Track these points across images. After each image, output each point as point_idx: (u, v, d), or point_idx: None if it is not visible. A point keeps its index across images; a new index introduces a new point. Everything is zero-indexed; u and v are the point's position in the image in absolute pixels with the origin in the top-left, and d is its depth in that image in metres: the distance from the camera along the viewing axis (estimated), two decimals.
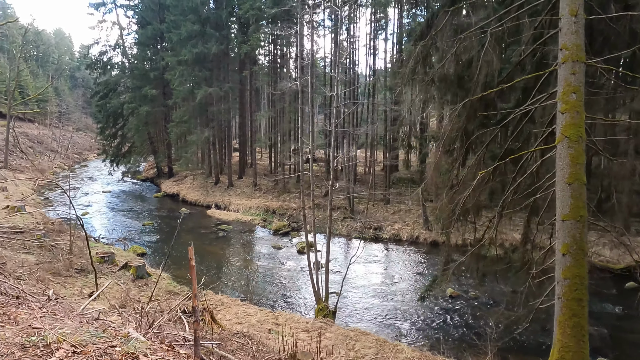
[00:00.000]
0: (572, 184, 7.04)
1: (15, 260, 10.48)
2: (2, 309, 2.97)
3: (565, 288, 7.02)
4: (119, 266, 12.81)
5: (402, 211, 23.70)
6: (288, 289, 14.71)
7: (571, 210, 7.01)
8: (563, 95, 7.27)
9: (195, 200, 29.86)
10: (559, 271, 7.15)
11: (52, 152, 55.14)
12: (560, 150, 7.21)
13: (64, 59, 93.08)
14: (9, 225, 16.85)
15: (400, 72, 9.27)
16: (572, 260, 6.96)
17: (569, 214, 7.01)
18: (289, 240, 21.34)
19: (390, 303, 13.62)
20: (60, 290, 8.98)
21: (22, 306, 3.24)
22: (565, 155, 7.14)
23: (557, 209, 7.21)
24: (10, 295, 3.74)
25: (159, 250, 19.13)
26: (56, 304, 4.54)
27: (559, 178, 7.24)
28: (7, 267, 8.17)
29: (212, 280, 15.28)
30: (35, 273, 9.44)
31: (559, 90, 7.39)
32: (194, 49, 27.03)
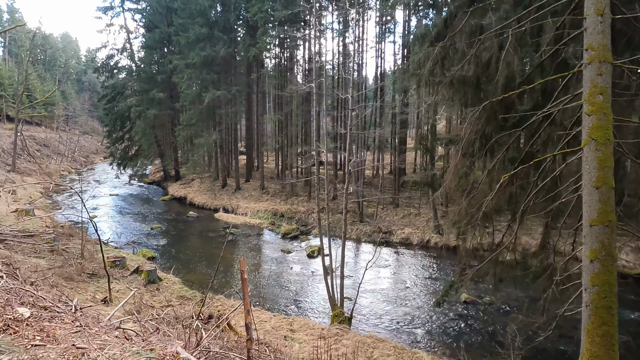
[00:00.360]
0: (599, 188, 6.83)
1: (28, 264, 10.37)
2: (37, 323, 2.82)
3: (593, 295, 6.80)
4: (130, 270, 12.69)
5: (412, 215, 23.49)
6: (300, 293, 14.54)
7: (599, 215, 6.80)
8: (589, 96, 7.07)
9: (203, 204, 29.78)
10: (586, 278, 6.94)
11: (59, 155, 55.32)
12: (586, 154, 7.00)
13: (71, 63, 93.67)
14: (19, 228, 16.78)
15: (418, 74, 9.12)
16: (600, 267, 6.74)
17: (597, 219, 6.80)
18: (298, 244, 21.17)
19: (404, 308, 13.42)
20: (74, 296, 8.86)
21: (55, 320, 3.09)
22: (593, 159, 6.93)
23: (584, 214, 7.01)
24: (38, 306, 3.60)
25: (168, 254, 19.03)
26: (82, 314, 4.40)
27: (585, 182, 7.04)
28: (21, 272, 8.04)
29: (223, 285, 15.16)
30: (49, 278, 9.32)
31: (584, 92, 7.20)
32: (202, 51, 27.01)
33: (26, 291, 4.60)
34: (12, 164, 37.88)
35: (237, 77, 30.10)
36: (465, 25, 8.83)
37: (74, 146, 60.65)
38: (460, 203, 9.62)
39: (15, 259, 9.94)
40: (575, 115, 8.27)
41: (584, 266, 7.19)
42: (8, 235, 14.80)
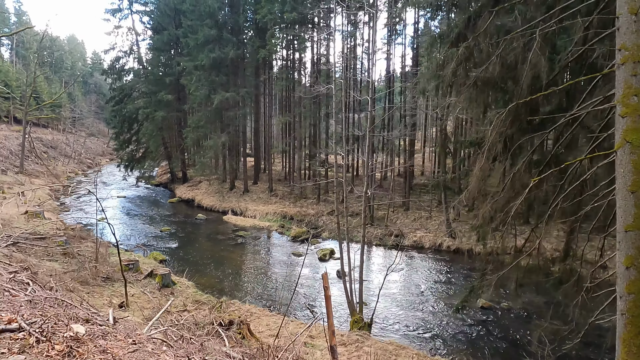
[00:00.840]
0: (635, 192, 6.60)
1: (44, 268, 10.25)
2: (93, 342, 2.66)
3: (630, 304, 6.57)
4: (144, 274, 12.55)
5: (423, 218, 23.26)
6: (314, 298, 14.35)
7: (635, 220, 6.56)
8: (623, 98, 6.84)
9: (211, 206, 29.66)
10: (621, 285, 6.71)
11: (65, 157, 55.46)
12: (620, 157, 6.78)
13: (77, 65, 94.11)
14: (30, 231, 16.70)
15: (440, 75, 8.94)
16: (637, 274, 6.49)
17: (633, 224, 6.57)
18: (309, 247, 20.95)
19: (421, 313, 13.20)
20: (92, 301, 8.72)
21: (108, 337, 2.93)
22: (627, 162, 6.70)
23: (618, 219, 6.79)
24: (80, 319, 3.44)
25: (178, 257, 18.89)
26: (123, 326, 4.24)
27: (620, 186, 6.82)
28: (38, 277, 7.92)
29: (235, 289, 15.00)
30: (66, 282, 9.19)
31: (617, 93, 6.97)
32: (211, 53, 26.95)
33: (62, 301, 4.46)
34: (20, 165, 37.94)
35: (245, 79, 30.02)
36: (490, 26, 8.65)
37: (80, 148, 60.78)
38: (484, 207, 9.41)
39: (31, 263, 9.83)
40: (604, 118, 8.07)
41: (618, 273, 6.97)
42: (20, 238, 14.71)
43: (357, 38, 20.23)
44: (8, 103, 56.94)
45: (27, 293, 5.05)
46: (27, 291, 5.26)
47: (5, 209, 22.14)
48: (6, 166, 36.99)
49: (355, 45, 27.45)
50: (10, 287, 5.16)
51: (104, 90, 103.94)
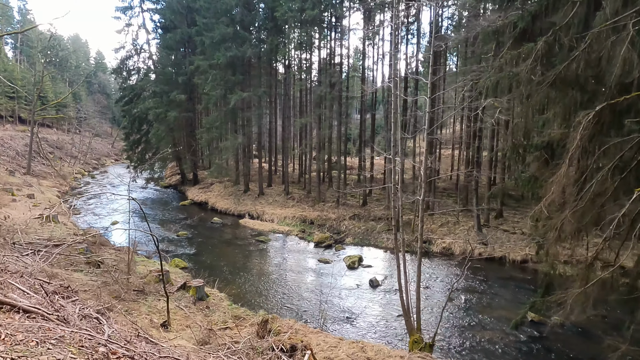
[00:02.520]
0: None
1: (70, 280, 9.40)
2: None
3: None
4: (176, 286, 11.70)
5: (450, 223, 22.41)
6: (352, 311, 13.47)
7: None
8: None
9: (226, 209, 28.81)
10: None
11: (71, 157, 54.61)
12: None
13: (81, 65, 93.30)
14: (47, 237, 15.85)
15: (518, 73, 8.11)
16: None
17: None
18: (335, 253, 20.13)
19: (474, 330, 12.34)
20: (132, 319, 7.87)
21: None
22: None
23: None
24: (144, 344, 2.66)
25: (200, 264, 18.01)
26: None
27: None
28: (80, 296, 7.07)
29: (268, 301, 14.15)
30: (101, 297, 8.35)
31: None
32: (228, 52, 26.11)
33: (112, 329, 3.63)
34: (27, 166, 37.09)
35: (261, 78, 29.16)
36: (574, 17, 7.84)
37: (85, 148, 59.89)
38: (564, 215, 8.54)
39: (60, 275, 8.98)
40: None
41: None
42: (39, 245, 13.87)
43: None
44: (13, 102, 56.14)
45: (99, 332, 4.24)
46: (90, 320, 4.45)
47: (18, 212, 21.30)
48: (13, 167, 36.14)
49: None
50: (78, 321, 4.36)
51: (107, 90, 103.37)
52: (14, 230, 15.79)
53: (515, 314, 13.91)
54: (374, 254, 20.26)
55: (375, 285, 15.90)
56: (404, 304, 9.64)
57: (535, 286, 16.79)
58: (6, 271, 6.25)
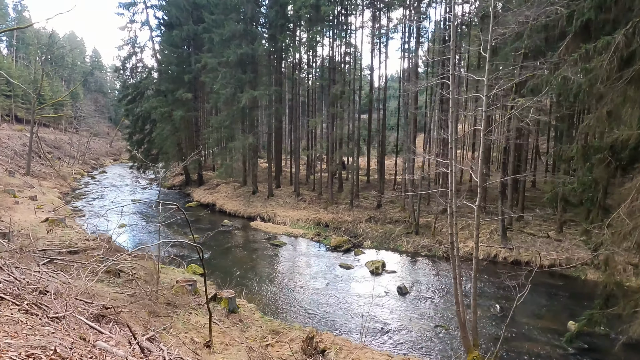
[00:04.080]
0: None
1: (98, 292, 8.60)
2: None
3: None
4: (203, 296, 10.90)
5: (471, 226, 21.71)
6: (389, 322, 12.74)
7: None
8: None
9: (235, 211, 28.00)
10: None
11: (69, 157, 53.45)
12: None
13: (77, 63, 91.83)
14: (59, 243, 15.00)
15: (592, 69, 7.45)
16: None
17: None
18: (355, 258, 19.42)
19: (520, 341, 11.67)
20: (172, 339, 7.10)
21: None
22: None
23: None
24: None
25: (217, 270, 17.23)
26: None
27: None
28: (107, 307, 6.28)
29: (298, 312, 13.39)
30: (136, 312, 7.57)
31: None
32: (238, 49, 25.28)
33: None
34: (27, 167, 36.02)
35: (271, 76, 28.36)
36: None
37: (84, 148, 58.70)
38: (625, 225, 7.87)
39: (89, 288, 8.18)
40: None
41: None
42: (52, 252, 13.04)
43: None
44: (10, 101, 54.89)
45: None
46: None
47: (23, 216, 20.38)
48: (13, 167, 35.08)
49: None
50: None
51: (104, 88, 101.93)
52: (24, 236, 14.94)
53: (557, 323, 13.35)
54: (396, 259, 19.56)
55: (404, 292, 15.20)
56: (462, 320, 8.93)
57: (568, 293, 16.23)
58: (45, 291, 5.47)
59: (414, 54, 22.21)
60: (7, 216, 18.95)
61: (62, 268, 11.46)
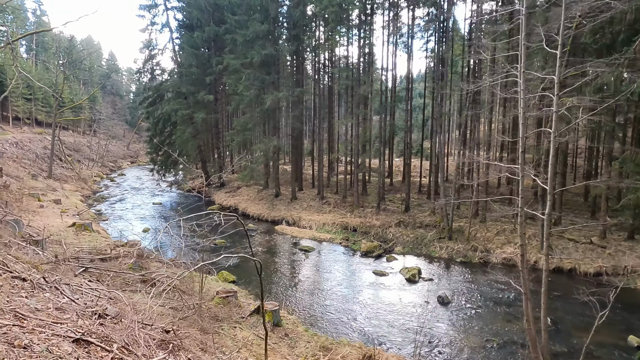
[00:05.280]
0: None
1: (142, 307, 8.08)
2: None
3: None
4: (247, 308, 10.36)
5: (507, 231, 20.90)
6: (438, 336, 12.02)
7: None
8: None
9: (258, 215, 27.49)
10: None
11: (89, 160, 53.71)
12: None
13: (95, 66, 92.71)
14: (89, 250, 14.61)
15: None
16: None
17: None
18: (387, 264, 18.72)
19: None
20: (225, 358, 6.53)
21: None
22: None
23: None
24: None
25: (247, 277, 16.68)
26: None
27: None
28: (167, 330, 5.73)
29: (338, 323, 12.75)
30: (186, 329, 7.03)
31: None
32: (263, 50, 24.79)
33: None
34: (48, 170, 36.06)
35: (294, 77, 27.84)
36: None
37: (102, 151, 59.00)
38: None
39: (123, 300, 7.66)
40: None
41: None
42: (84, 259, 12.61)
43: None
44: (30, 104, 55.35)
45: None
46: None
47: (49, 220, 20.14)
48: (35, 171, 35.15)
49: None
50: None
51: (120, 91, 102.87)
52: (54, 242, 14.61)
53: (614, 337, 12.49)
54: (430, 265, 18.81)
55: (445, 302, 14.47)
56: (532, 338, 8.20)
57: (620, 304, 15.29)
58: (104, 314, 4.93)
59: (444, 53, 21.45)
60: (35, 220, 18.74)
61: (97, 277, 11.04)
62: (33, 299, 4.21)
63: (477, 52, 13.90)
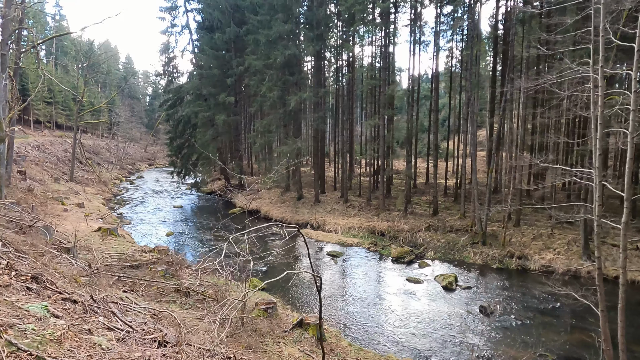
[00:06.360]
0: None
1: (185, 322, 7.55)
2: None
3: None
4: (289, 322, 9.79)
5: (544, 236, 19.99)
6: (490, 352, 11.29)
7: None
8: None
9: (282, 218, 26.94)
10: None
11: (108, 163, 54.01)
12: None
13: (112, 70, 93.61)
14: (118, 256, 14.24)
15: None
16: None
17: None
18: (420, 271, 18.00)
19: None
20: None
21: None
22: None
23: None
24: None
25: (276, 284, 16.11)
26: None
27: None
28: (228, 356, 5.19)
29: (379, 335, 12.11)
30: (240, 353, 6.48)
31: None
32: (286, 50, 24.30)
33: None
34: (70, 173, 36.15)
35: (319, 78, 27.28)
36: None
37: (121, 154, 59.32)
38: None
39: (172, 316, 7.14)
40: None
41: None
42: (116, 267, 12.21)
43: None
44: (50, 108, 55.90)
45: None
46: None
47: (74, 224, 19.86)
48: (57, 174, 35.23)
49: None
50: None
51: (137, 94, 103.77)
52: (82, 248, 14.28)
53: None
54: (465, 272, 18.03)
55: (488, 312, 13.71)
56: None
57: None
58: (164, 342, 4.40)
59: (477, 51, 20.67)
60: (61, 225, 18.49)
61: (130, 287, 10.61)
62: (97, 333, 3.68)
63: (534, 48, 13.05)
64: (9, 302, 3.31)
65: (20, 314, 3.09)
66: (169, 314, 6.84)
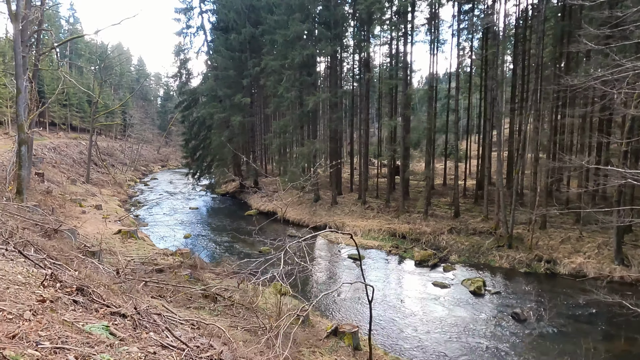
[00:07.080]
0: None
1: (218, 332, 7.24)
2: None
3: None
4: (325, 330, 9.45)
5: (572, 239, 19.39)
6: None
7: None
8: None
9: (299, 220, 26.67)
10: None
11: (122, 164, 54.23)
12: None
13: (125, 72, 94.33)
14: (140, 259, 14.04)
15: None
16: None
17: None
18: (445, 275, 17.54)
19: None
20: None
21: None
22: None
23: None
24: None
25: (299, 289, 15.77)
26: None
27: None
28: None
29: (410, 342, 11.70)
30: None
31: None
32: (304, 50, 24.00)
33: None
34: (86, 175, 36.28)
35: (335, 78, 26.94)
36: None
37: (134, 155, 59.56)
38: None
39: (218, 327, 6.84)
40: None
41: None
42: (140, 270, 11.98)
43: None
44: (65, 110, 56.39)
45: None
46: None
47: (93, 227, 19.77)
48: (73, 176, 35.37)
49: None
50: None
51: (148, 96, 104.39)
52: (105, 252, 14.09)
53: None
54: (492, 276, 17.53)
55: (522, 319, 13.22)
56: None
57: None
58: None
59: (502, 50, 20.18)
60: (80, 227, 18.38)
61: (157, 292, 10.36)
62: (162, 356, 3.37)
63: (574, 43, 12.54)
64: (68, 322, 3.01)
65: (86, 338, 2.79)
66: (216, 326, 6.52)
